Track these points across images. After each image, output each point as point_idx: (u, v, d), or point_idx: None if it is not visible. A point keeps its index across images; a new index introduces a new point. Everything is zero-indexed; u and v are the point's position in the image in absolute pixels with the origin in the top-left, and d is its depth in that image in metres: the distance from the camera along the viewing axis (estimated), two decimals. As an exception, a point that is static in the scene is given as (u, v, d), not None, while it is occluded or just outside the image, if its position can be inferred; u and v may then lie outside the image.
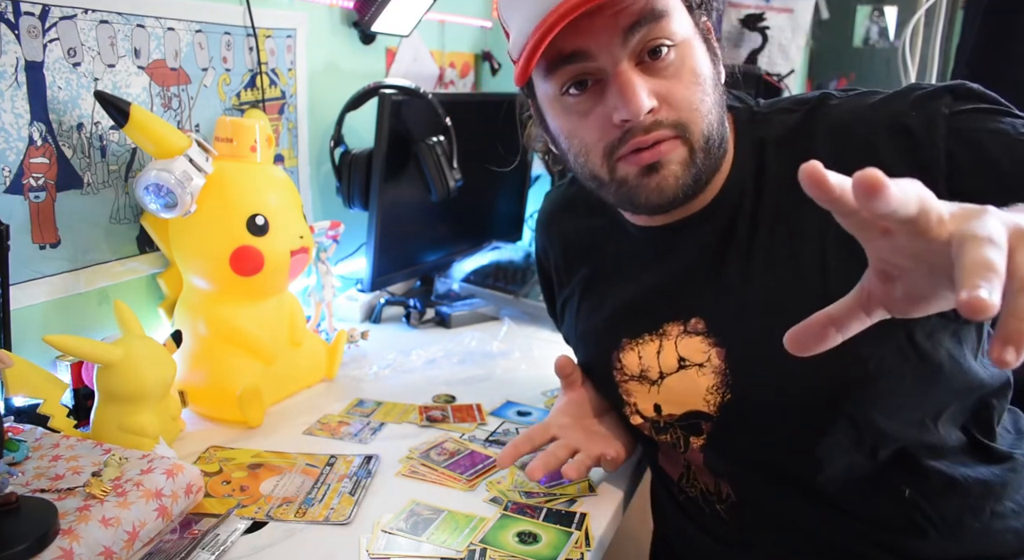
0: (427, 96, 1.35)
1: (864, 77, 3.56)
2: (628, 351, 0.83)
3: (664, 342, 0.79)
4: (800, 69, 2.86)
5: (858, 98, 0.74)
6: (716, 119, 0.71)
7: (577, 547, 0.74)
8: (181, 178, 0.95)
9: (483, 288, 1.52)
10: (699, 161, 0.71)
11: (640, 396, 0.82)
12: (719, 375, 0.75)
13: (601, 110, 0.69)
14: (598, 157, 0.72)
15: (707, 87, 0.70)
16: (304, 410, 1.06)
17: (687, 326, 0.78)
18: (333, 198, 1.40)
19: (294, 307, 1.11)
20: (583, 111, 0.71)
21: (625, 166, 0.71)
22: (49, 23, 0.92)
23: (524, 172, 1.82)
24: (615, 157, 0.71)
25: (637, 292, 0.83)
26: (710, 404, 0.77)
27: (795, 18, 2.36)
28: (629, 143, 0.69)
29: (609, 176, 0.72)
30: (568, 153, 0.75)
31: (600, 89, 0.69)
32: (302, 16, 1.35)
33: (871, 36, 3.58)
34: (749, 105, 0.79)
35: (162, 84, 1.09)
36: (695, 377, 0.77)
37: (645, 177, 0.70)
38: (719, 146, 0.72)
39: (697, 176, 0.71)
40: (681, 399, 0.79)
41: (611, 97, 0.68)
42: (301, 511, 0.79)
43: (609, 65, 0.67)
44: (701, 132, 0.70)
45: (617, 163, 0.71)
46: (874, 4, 3.52)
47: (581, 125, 0.72)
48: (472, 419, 1.03)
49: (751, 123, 0.78)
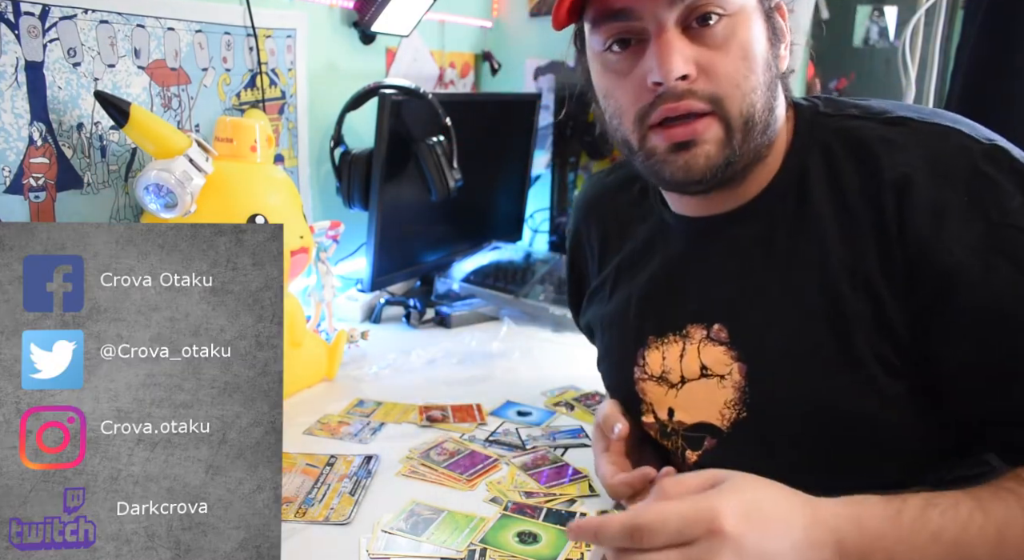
0: (427, 96, 1.35)
1: (864, 77, 3.56)
2: (653, 350, 0.80)
3: (688, 345, 0.76)
4: (800, 69, 2.86)
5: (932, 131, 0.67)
6: (761, 101, 0.67)
7: (577, 547, 0.74)
8: (181, 178, 0.95)
9: (483, 288, 1.52)
10: (736, 143, 0.67)
11: (656, 397, 0.80)
12: (738, 391, 0.72)
13: (639, 71, 0.67)
14: (630, 122, 0.69)
15: (755, 65, 0.66)
16: (304, 410, 1.06)
17: (710, 331, 0.75)
18: (333, 198, 1.40)
19: (294, 307, 1.11)
20: (622, 70, 0.68)
21: (656, 137, 0.68)
22: (49, 23, 0.92)
23: (524, 172, 1.82)
24: (647, 124, 0.68)
25: (666, 285, 0.80)
26: (724, 419, 0.74)
27: (795, 18, 2.35)
28: (660, 109, 0.66)
29: (639, 144, 0.69)
30: (605, 114, 0.73)
31: (642, 50, 0.67)
32: (302, 16, 1.35)
33: (871, 36, 3.57)
34: (816, 104, 0.74)
35: (162, 84, 1.09)
36: (715, 388, 0.74)
37: (674, 153, 0.67)
38: (763, 132, 0.68)
39: (730, 158, 0.67)
40: (697, 408, 0.76)
41: (648, 58, 0.65)
42: (301, 511, 0.79)
43: (653, 26, 0.65)
44: (740, 110, 0.66)
45: (649, 132, 0.68)
46: (874, 4, 3.51)
47: (618, 85, 0.69)
48: (472, 419, 1.03)
49: (813, 123, 0.72)
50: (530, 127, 1.76)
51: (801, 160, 0.71)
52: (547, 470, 0.89)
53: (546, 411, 1.07)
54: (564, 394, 1.13)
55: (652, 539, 0.51)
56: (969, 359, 0.63)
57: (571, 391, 1.13)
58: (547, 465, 0.90)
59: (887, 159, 0.65)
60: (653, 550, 0.51)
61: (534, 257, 1.61)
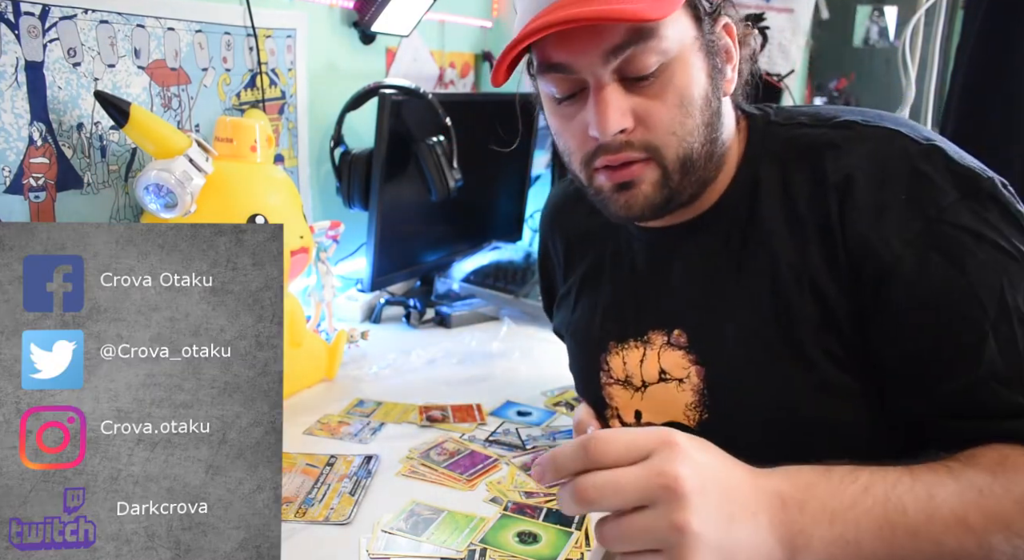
0: (427, 96, 1.35)
1: (864, 77, 3.57)
2: (614, 354, 0.82)
3: (648, 351, 0.79)
4: (800, 69, 2.86)
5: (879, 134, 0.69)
6: (700, 141, 0.69)
7: (577, 547, 0.74)
8: (181, 178, 0.95)
9: (483, 288, 1.52)
10: (673, 183, 0.70)
11: (622, 401, 0.82)
12: (697, 394, 0.75)
13: (581, 118, 0.69)
14: (578, 163, 0.73)
15: (692, 109, 0.68)
16: (304, 410, 1.06)
17: (670, 337, 0.77)
18: (333, 198, 1.40)
19: (294, 307, 1.11)
20: (567, 115, 0.71)
21: (600, 178, 0.71)
22: (49, 23, 0.92)
23: (524, 172, 1.82)
24: (591, 167, 0.71)
25: (627, 293, 0.83)
26: (691, 419, 0.76)
27: (795, 18, 2.35)
28: (600, 158, 0.70)
29: (587, 182, 0.73)
30: (558, 146, 0.77)
31: (585, 96, 0.69)
32: (302, 16, 1.35)
33: (871, 36, 3.58)
34: (767, 113, 0.77)
35: (162, 84, 1.09)
36: (675, 392, 0.77)
37: (617, 192, 0.71)
38: (704, 165, 0.71)
39: (669, 197, 0.71)
40: (662, 409, 0.78)
41: (587, 110, 0.68)
42: (301, 511, 0.79)
43: (591, 79, 0.67)
44: (676, 155, 0.69)
45: (594, 173, 0.72)
46: (874, 4, 3.52)
47: (565, 129, 0.72)
48: (472, 419, 1.03)
49: (765, 133, 0.75)
50: (530, 127, 1.76)
51: (753, 171, 0.74)
52: (547, 470, 0.89)
53: (546, 411, 1.07)
54: (564, 394, 1.13)
55: (605, 449, 0.49)
56: (904, 351, 0.65)
57: (571, 391, 1.13)
58: (547, 465, 0.90)
59: (832, 163, 0.68)
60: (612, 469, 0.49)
61: (534, 257, 1.60)
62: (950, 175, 0.64)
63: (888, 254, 0.64)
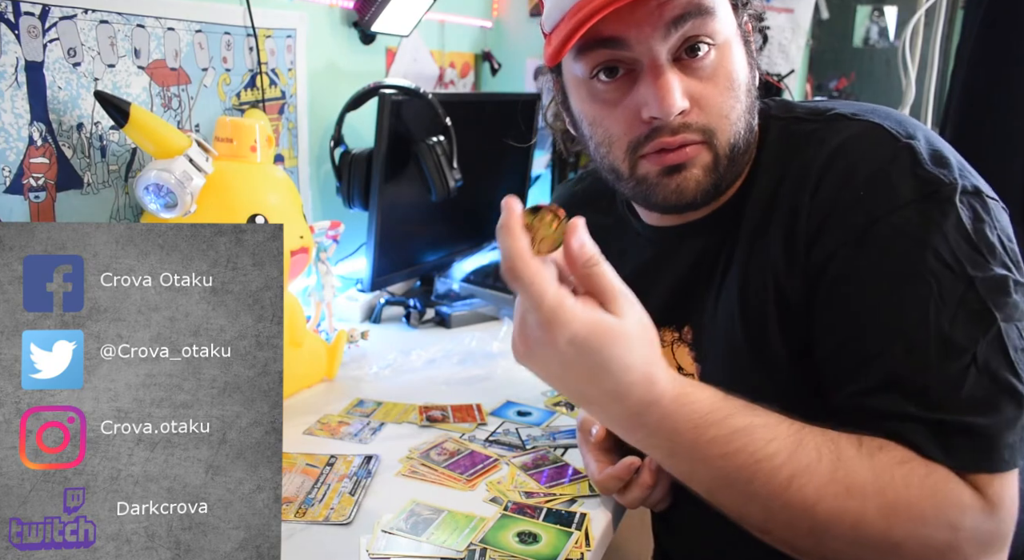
0: (427, 96, 1.35)
1: (864, 77, 3.57)
2: None
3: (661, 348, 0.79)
4: (800, 69, 2.86)
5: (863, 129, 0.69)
6: (744, 127, 0.69)
7: (577, 547, 0.74)
8: (181, 178, 0.95)
9: (483, 288, 1.52)
10: (722, 168, 0.69)
11: None
12: None
13: (630, 102, 0.67)
14: (621, 151, 0.70)
15: (740, 93, 0.68)
16: (304, 410, 1.06)
17: (681, 334, 0.78)
18: (333, 198, 1.40)
19: (294, 307, 1.11)
20: (611, 100, 0.69)
21: (647, 164, 0.69)
22: (49, 23, 0.92)
23: (524, 172, 1.82)
24: (638, 154, 0.69)
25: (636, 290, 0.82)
26: None
27: (795, 18, 2.36)
28: (655, 142, 0.67)
29: (629, 172, 0.71)
30: (590, 140, 0.74)
31: (631, 79, 0.67)
32: (302, 16, 1.35)
33: (871, 36, 3.58)
34: (767, 107, 0.76)
35: (162, 84, 1.09)
36: None
37: (666, 176, 0.69)
38: (744, 153, 0.70)
39: (718, 182, 0.70)
40: None
41: (643, 91, 0.66)
42: (301, 511, 0.79)
43: (645, 57, 0.65)
44: (728, 140, 0.68)
45: (640, 160, 0.69)
46: (874, 4, 3.52)
47: (607, 115, 0.70)
48: (472, 419, 1.03)
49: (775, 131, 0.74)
50: (530, 127, 1.76)
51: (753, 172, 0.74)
52: (547, 470, 0.89)
53: (546, 411, 1.07)
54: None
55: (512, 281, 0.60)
56: (823, 349, 0.65)
57: (571, 391, 1.13)
58: (547, 465, 0.90)
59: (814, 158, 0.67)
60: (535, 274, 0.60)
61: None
62: (912, 177, 0.62)
63: (826, 250, 0.64)
